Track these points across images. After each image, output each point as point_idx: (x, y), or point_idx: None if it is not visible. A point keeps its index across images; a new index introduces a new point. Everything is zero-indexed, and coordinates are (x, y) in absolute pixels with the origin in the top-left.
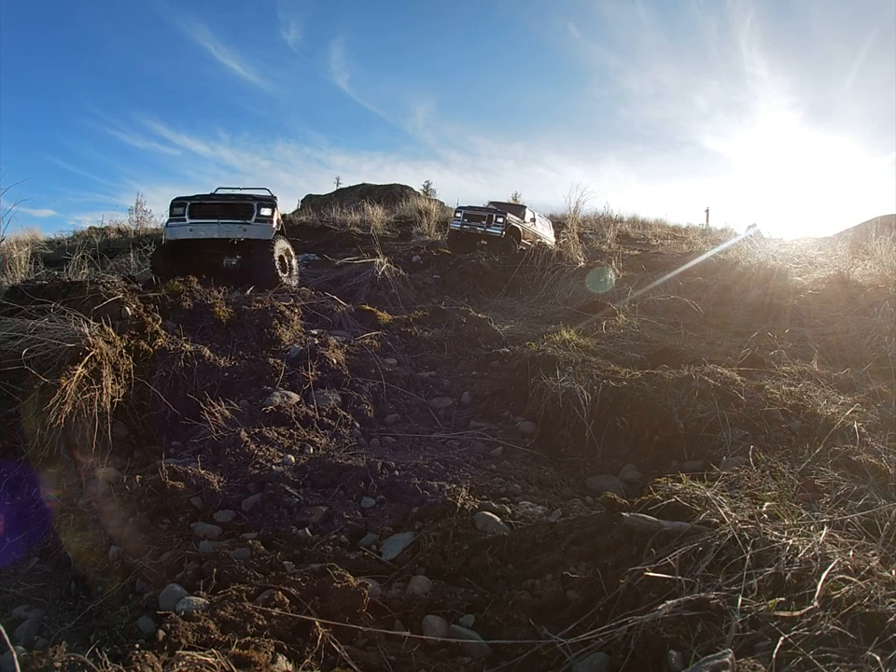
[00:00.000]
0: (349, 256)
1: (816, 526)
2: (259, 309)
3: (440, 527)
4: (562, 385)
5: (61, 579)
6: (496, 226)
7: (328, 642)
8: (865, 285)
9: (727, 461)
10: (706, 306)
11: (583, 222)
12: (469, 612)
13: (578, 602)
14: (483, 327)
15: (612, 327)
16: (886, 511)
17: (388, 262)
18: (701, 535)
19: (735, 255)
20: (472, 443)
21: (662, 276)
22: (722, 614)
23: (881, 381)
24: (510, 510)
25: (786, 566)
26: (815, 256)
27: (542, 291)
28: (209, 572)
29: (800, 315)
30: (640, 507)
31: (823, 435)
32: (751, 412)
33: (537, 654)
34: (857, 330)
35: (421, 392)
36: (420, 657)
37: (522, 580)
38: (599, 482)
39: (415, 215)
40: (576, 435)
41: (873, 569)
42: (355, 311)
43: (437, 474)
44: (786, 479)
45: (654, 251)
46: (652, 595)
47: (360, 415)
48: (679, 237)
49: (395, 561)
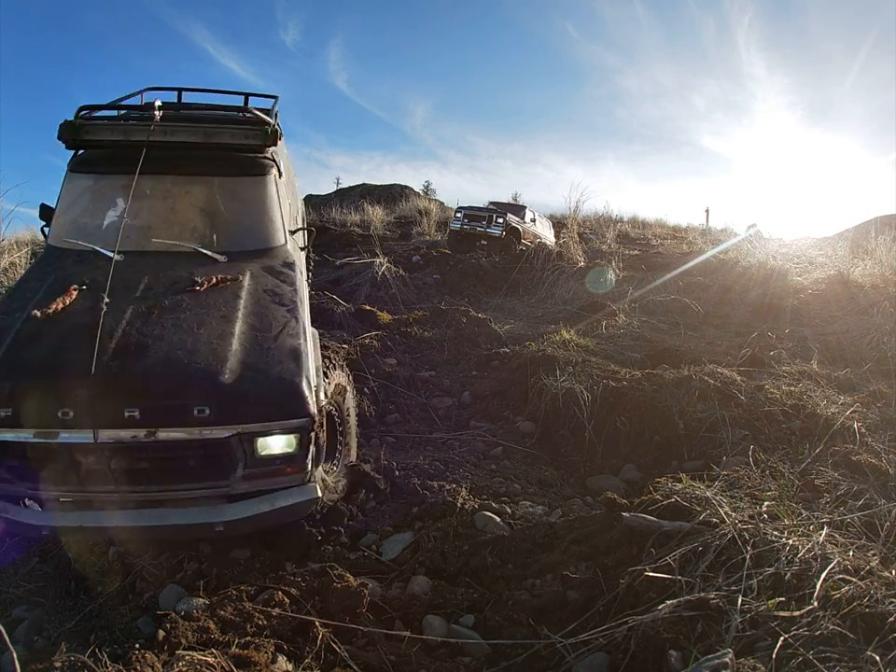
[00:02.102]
0: (349, 256)
1: (816, 526)
2: None
3: (440, 527)
4: (562, 385)
5: (61, 579)
6: (496, 226)
7: (327, 642)
8: (865, 285)
9: (727, 461)
10: (706, 306)
11: (583, 222)
12: (469, 612)
13: (578, 602)
14: (483, 327)
15: (612, 327)
16: (886, 510)
17: (388, 262)
18: (701, 535)
19: (735, 255)
20: (472, 443)
21: (662, 276)
22: (722, 614)
23: (881, 381)
24: (510, 510)
25: (786, 566)
26: (815, 256)
27: (542, 291)
28: (209, 572)
29: (800, 315)
30: (640, 507)
31: (823, 435)
32: (751, 412)
33: (537, 654)
34: (857, 330)
35: (421, 392)
36: (420, 657)
37: (522, 580)
38: (599, 482)
39: (415, 215)
40: (576, 435)
41: (873, 569)
42: (355, 311)
43: (437, 474)
44: (786, 479)
45: (654, 251)
46: (652, 595)
47: (360, 415)
48: (679, 237)
49: (395, 561)
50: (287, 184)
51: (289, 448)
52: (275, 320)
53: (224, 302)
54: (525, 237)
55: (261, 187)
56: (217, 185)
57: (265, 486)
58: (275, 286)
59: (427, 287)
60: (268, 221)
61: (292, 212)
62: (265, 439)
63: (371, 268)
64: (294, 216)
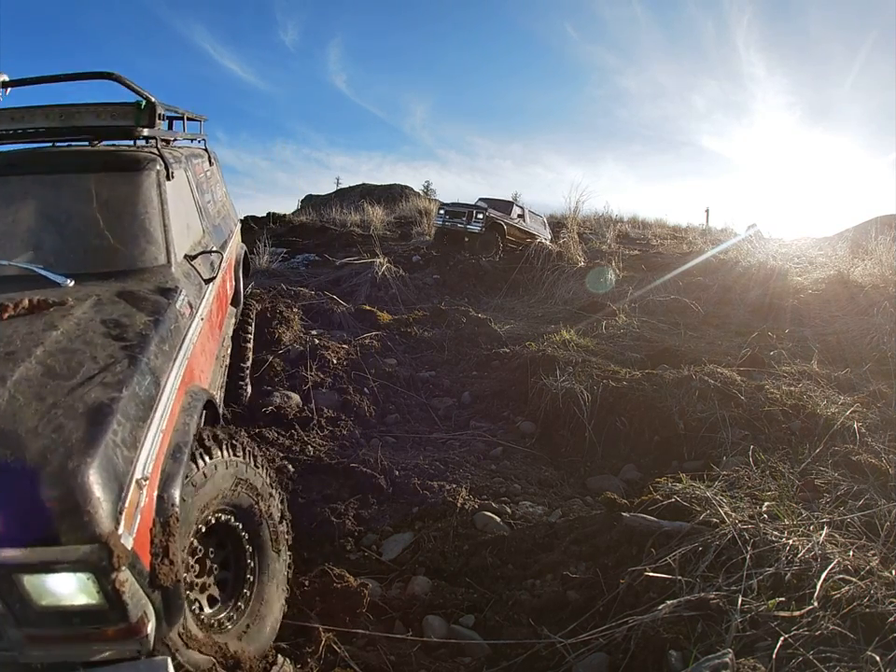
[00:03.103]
0: (349, 256)
1: (816, 526)
2: (259, 309)
3: (440, 527)
4: (562, 385)
5: None
6: (475, 222)
7: (328, 642)
8: (865, 285)
9: (727, 461)
10: (706, 306)
11: (583, 222)
12: (469, 612)
13: (578, 602)
14: (483, 327)
15: (612, 327)
16: (886, 510)
17: (388, 262)
18: (701, 535)
19: (735, 255)
20: (472, 443)
21: (662, 276)
22: (722, 614)
23: (881, 381)
24: (510, 510)
25: (786, 566)
26: (815, 256)
27: (542, 291)
28: None
29: (800, 315)
30: (640, 507)
31: (823, 435)
32: (751, 412)
33: (537, 654)
34: (857, 330)
35: (421, 392)
36: (420, 657)
37: (522, 580)
38: (599, 482)
39: (415, 215)
40: (576, 435)
41: (873, 569)
42: (355, 311)
43: (437, 474)
44: (786, 479)
45: (654, 251)
46: (652, 595)
47: (360, 415)
48: (679, 237)
49: (395, 561)
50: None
51: (89, 597)
52: (91, 362)
53: (26, 335)
54: (511, 233)
55: (133, 187)
56: (76, 185)
57: (77, 654)
58: (124, 315)
59: (427, 287)
60: (139, 233)
61: (199, 228)
62: (39, 579)
63: (371, 268)
64: (200, 238)
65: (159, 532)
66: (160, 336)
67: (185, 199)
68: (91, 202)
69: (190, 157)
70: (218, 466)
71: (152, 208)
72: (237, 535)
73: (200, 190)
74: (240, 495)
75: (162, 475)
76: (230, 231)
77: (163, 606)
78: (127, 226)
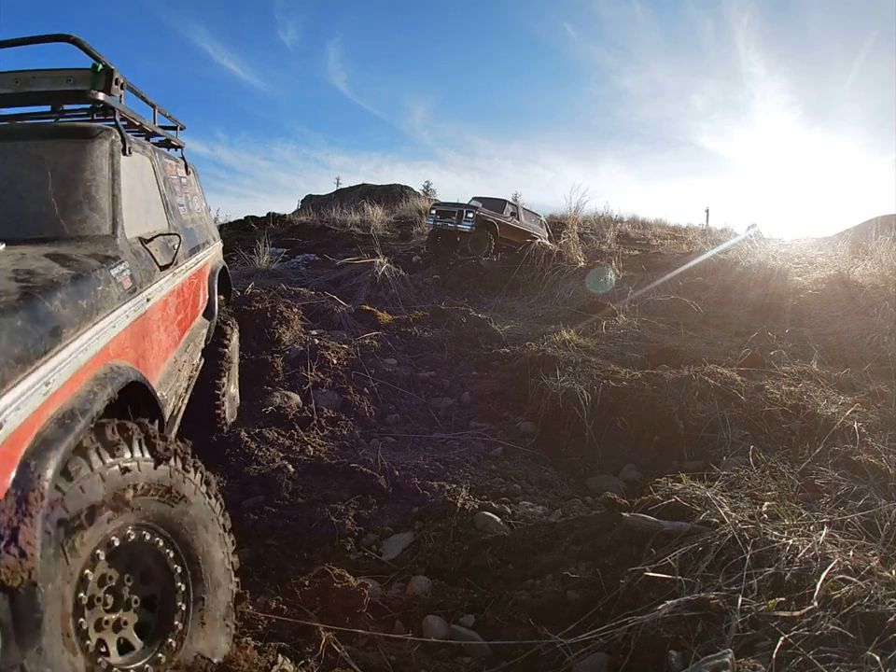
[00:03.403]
0: (349, 256)
1: (816, 526)
2: (260, 309)
3: (440, 527)
4: (562, 385)
5: None
6: (466, 221)
7: (328, 642)
8: (865, 285)
9: (727, 461)
10: (706, 306)
11: (583, 222)
12: (469, 612)
13: (578, 602)
14: (483, 327)
15: (612, 327)
16: (886, 510)
17: (388, 262)
18: (701, 535)
19: (735, 255)
20: (472, 443)
21: (662, 276)
22: (722, 614)
23: (881, 381)
24: (510, 510)
25: (786, 566)
26: (815, 256)
27: (542, 291)
28: None
29: (800, 315)
30: (640, 507)
31: (823, 435)
32: (751, 412)
33: (537, 654)
34: (857, 330)
35: (421, 392)
36: (420, 657)
37: (522, 580)
38: (599, 482)
39: (415, 215)
40: (576, 435)
41: (873, 569)
42: (355, 311)
43: (437, 474)
44: (786, 479)
45: (654, 251)
46: (652, 595)
47: (360, 415)
48: (679, 237)
49: (395, 561)
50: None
51: None
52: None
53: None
54: (504, 232)
55: (83, 154)
56: (24, 151)
57: None
58: (41, 267)
59: (427, 287)
60: (84, 200)
61: (164, 222)
62: None
63: (371, 268)
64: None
65: (10, 508)
66: (76, 290)
67: (146, 185)
68: (37, 168)
69: (161, 153)
70: (130, 468)
71: (101, 177)
72: (160, 556)
73: (170, 189)
74: (163, 506)
75: (36, 438)
76: (205, 240)
77: (11, 618)
78: (72, 192)
